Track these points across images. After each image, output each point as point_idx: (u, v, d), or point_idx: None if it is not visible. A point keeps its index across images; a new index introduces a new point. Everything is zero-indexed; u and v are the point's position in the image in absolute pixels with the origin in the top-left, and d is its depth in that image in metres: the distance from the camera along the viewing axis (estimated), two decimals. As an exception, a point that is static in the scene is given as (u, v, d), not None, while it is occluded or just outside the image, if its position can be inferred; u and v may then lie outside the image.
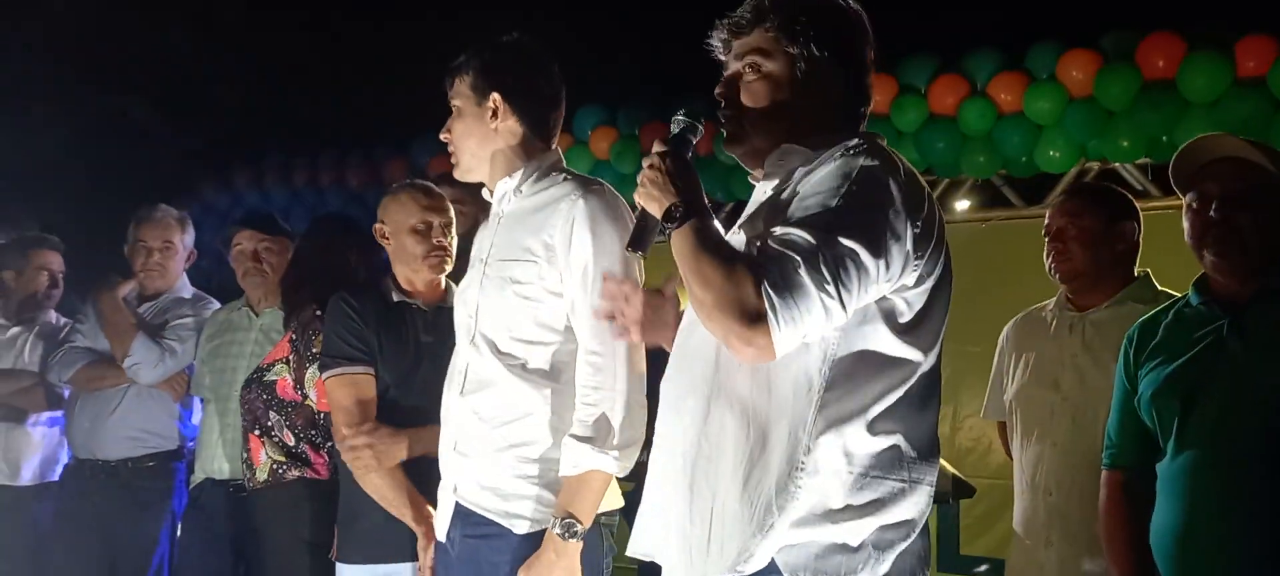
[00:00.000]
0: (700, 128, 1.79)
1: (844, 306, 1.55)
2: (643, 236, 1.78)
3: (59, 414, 3.99)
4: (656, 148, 1.74)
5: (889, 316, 1.63)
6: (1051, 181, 4.63)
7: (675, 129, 1.78)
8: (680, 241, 1.63)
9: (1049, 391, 2.73)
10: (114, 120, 6.55)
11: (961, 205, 5.05)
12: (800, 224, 1.57)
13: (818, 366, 1.61)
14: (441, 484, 2.24)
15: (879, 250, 1.56)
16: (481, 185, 2.29)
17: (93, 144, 6.45)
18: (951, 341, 5.29)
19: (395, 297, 2.68)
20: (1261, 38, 3.98)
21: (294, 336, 2.97)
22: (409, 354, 2.61)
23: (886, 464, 1.63)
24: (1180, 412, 2.10)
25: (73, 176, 6.31)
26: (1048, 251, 2.78)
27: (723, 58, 1.83)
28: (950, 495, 3.22)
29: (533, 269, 2.09)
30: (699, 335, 1.71)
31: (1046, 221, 2.81)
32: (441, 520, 2.23)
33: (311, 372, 2.89)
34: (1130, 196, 2.85)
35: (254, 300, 3.55)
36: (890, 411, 1.63)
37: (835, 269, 1.53)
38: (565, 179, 2.17)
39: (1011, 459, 2.89)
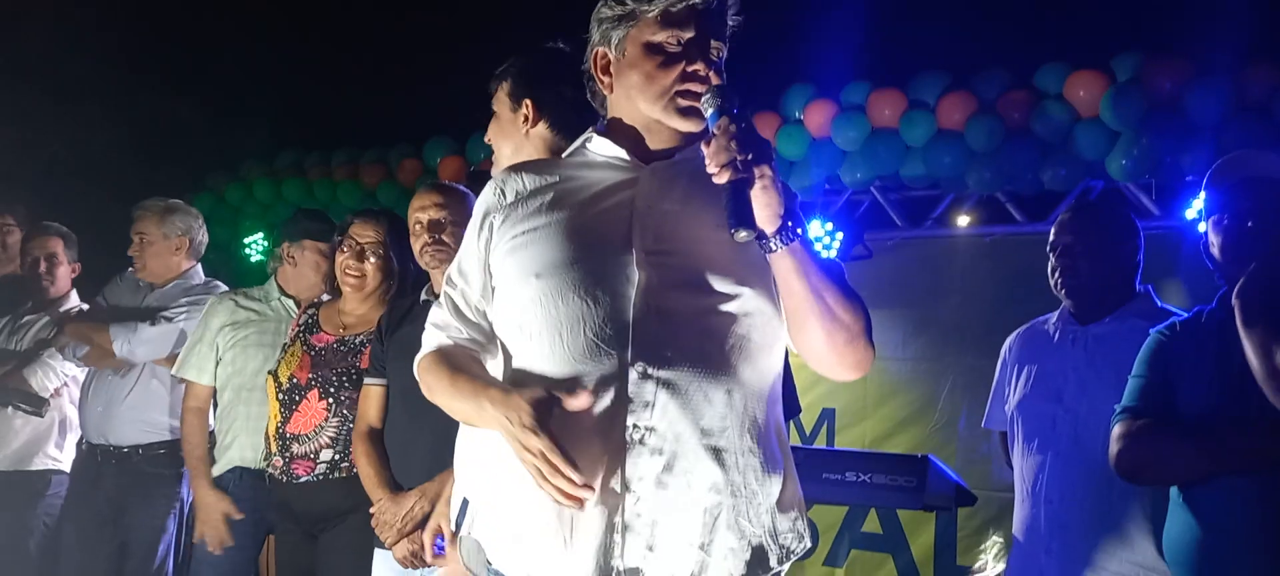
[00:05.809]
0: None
1: None
2: (745, 211, 1.53)
3: None
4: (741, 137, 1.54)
5: None
6: (1054, 198, 4.68)
7: (715, 113, 1.63)
8: (800, 260, 1.56)
9: (1051, 403, 2.78)
10: (144, 115, 6.60)
11: (965, 220, 5.11)
12: None
13: None
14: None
15: None
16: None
17: (119, 138, 6.51)
18: (954, 353, 5.25)
19: (423, 297, 2.79)
20: (1266, 65, 4.04)
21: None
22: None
23: None
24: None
25: (93, 172, 6.37)
26: (1053, 267, 2.83)
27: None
28: (953, 502, 3.28)
29: None
30: None
31: (1052, 238, 2.86)
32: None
33: None
34: (1132, 215, 2.91)
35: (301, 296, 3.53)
36: None
37: None
38: None
39: (1011, 467, 2.95)
